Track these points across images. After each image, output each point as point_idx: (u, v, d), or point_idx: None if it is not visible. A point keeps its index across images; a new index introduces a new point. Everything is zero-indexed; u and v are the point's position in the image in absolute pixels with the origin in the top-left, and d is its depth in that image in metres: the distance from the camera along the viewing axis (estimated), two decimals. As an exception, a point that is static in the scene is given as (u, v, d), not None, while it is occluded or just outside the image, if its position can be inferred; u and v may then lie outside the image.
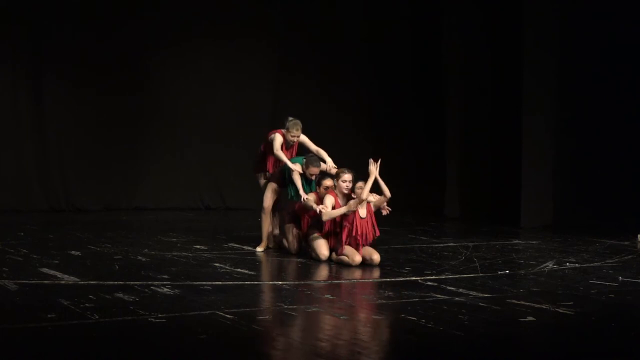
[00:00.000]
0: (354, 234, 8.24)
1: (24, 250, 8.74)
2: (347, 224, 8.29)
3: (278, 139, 9.09)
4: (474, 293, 6.77)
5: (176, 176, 13.92)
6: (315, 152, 9.15)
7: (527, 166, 11.99)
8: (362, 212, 8.32)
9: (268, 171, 9.33)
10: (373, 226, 8.37)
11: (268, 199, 9.18)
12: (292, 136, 9.12)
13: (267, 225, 9.20)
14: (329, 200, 8.38)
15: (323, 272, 7.99)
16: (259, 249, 9.11)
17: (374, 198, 8.36)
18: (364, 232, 8.28)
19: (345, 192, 8.42)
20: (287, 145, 9.17)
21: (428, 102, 14.31)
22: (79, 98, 13.32)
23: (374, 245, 8.45)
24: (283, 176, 9.07)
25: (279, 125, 9.32)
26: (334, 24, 14.56)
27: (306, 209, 8.69)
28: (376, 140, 14.77)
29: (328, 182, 8.67)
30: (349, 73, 14.61)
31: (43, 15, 13.13)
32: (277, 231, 9.35)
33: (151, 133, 13.84)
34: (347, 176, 8.39)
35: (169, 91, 13.84)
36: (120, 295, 6.43)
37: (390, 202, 8.61)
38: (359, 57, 14.70)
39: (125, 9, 13.54)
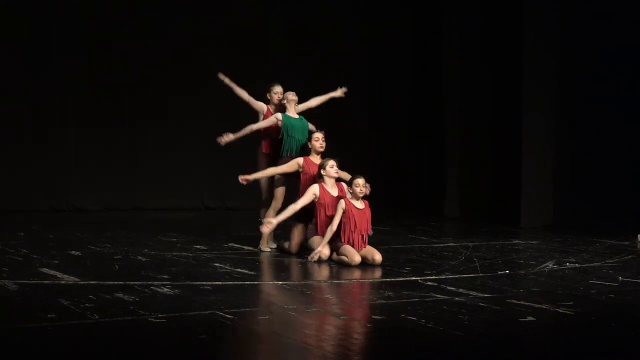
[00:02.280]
0: (352, 228, 8.27)
1: (24, 250, 8.74)
2: (345, 219, 8.31)
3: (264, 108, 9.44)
4: (474, 293, 6.77)
5: (176, 176, 13.91)
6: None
7: (527, 166, 12.00)
8: (359, 203, 8.38)
9: (266, 151, 9.29)
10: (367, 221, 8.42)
11: (279, 196, 9.14)
12: (274, 93, 9.41)
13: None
14: (312, 190, 8.60)
15: (323, 272, 7.99)
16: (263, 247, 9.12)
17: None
18: (362, 225, 8.31)
19: (360, 195, 8.45)
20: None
21: (428, 102, 14.31)
22: (79, 97, 13.30)
23: (374, 245, 8.46)
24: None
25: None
26: (334, 24, 14.57)
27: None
28: (376, 140, 14.78)
29: (318, 135, 8.92)
30: (349, 73, 14.59)
31: (43, 15, 13.13)
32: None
33: (151, 133, 13.83)
34: (361, 180, 8.42)
35: (169, 91, 13.82)
36: (120, 295, 6.43)
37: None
38: (359, 57, 14.70)
39: (126, 9, 13.54)
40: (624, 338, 5.53)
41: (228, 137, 9.25)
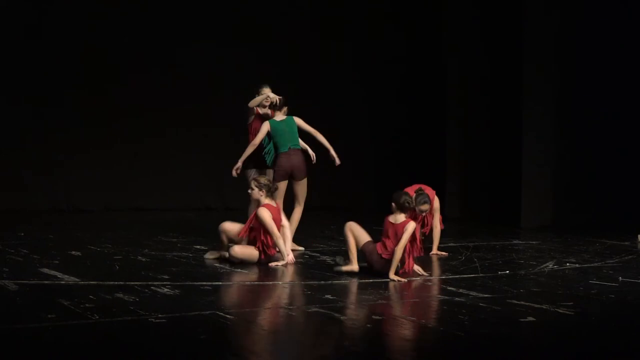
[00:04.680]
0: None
1: (24, 250, 8.74)
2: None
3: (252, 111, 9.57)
4: (474, 293, 6.77)
5: (176, 176, 13.90)
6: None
7: (527, 166, 12.00)
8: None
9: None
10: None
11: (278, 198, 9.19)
12: (262, 94, 9.47)
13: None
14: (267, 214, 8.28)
15: (322, 272, 7.98)
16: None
17: None
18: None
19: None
20: (263, 117, 9.57)
21: (428, 102, 14.31)
22: (79, 97, 13.30)
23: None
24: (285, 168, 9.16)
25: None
26: (335, 23, 14.57)
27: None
28: (376, 140, 14.78)
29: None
30: (349, 73, 14.61)
31: (43, 15, 13.13)
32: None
33: (151, 133, 13.81)
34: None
35: (169, 91, 13.81)
36: (120, 295, 6.43)
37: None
38: (359, 57, 14.70)
39: (126, 9, 13.54)
40: (624, 338, 5.53)
41: (237, 165, 9.46)
